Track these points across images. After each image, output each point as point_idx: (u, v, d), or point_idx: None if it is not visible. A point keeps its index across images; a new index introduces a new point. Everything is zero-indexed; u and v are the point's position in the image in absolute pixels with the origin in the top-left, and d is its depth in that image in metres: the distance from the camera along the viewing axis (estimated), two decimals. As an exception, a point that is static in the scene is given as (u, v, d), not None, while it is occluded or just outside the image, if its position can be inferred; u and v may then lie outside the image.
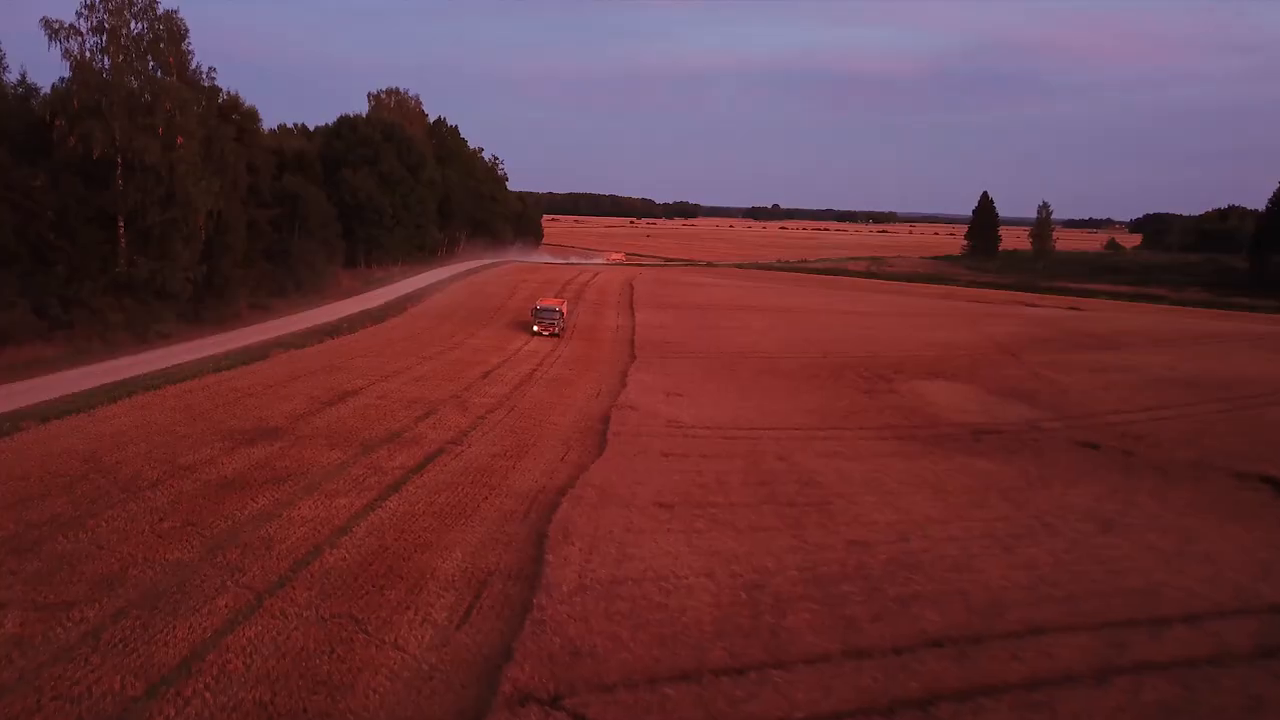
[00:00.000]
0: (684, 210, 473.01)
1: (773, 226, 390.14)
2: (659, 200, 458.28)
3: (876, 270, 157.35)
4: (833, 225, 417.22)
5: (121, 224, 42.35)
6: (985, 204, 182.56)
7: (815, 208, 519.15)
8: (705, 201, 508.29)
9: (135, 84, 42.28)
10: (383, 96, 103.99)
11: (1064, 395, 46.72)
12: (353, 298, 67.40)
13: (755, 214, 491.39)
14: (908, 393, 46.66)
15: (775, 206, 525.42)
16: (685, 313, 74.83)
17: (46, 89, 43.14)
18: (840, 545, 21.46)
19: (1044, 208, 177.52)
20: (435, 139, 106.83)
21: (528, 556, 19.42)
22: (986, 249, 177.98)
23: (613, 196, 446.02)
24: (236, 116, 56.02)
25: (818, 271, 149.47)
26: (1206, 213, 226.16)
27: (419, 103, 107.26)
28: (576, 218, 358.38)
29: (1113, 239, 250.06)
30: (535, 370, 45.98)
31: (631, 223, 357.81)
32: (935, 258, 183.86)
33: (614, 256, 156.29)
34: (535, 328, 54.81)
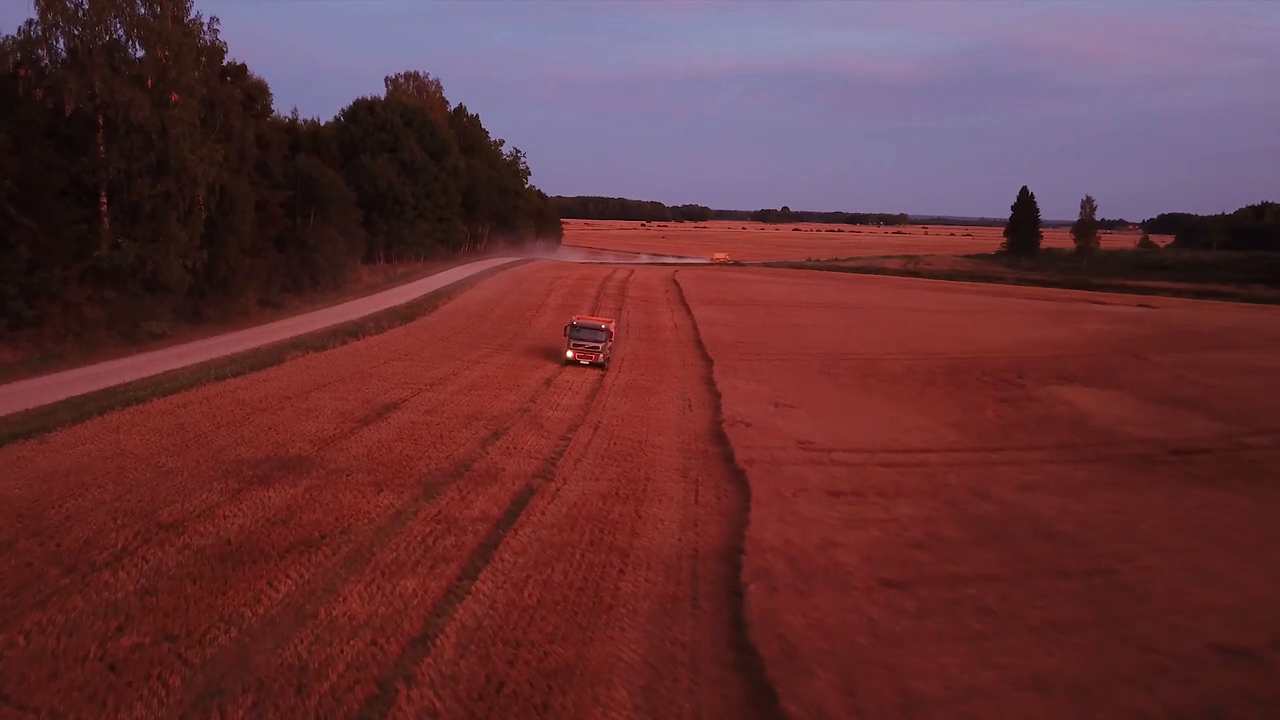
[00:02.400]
0: (693, 213, 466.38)
1: (785, 228, 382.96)
2: (668, 203, 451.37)
3: (915, 268, 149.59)
4: (845, 227, 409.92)
5: (104, 197, 34.41)
6: (1025, 200, 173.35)
7: (824, 210, 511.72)
8: (714, 205, 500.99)
9: (119, 28, 34.37)
10: (400, 81, 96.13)
11: (1238, 403, 38.78)
12: (375, 294, 59.43)
13: (764, 216, 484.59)
14: (1051, 400, 38.88)
15: (785, 209, 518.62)
16: (745, 309, 66.88)
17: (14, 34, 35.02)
18: (1209, 656, 13.39)
19: (1087, 203, 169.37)
20: (455, 128, 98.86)
21: (738, 696, 11.39)
22: (1026, 247, 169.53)
23: (622, 200, 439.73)
24: (241, 88, 48.09)
25: (854, 270, 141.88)
26: (1240, 210, 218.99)
27: (439, 88, 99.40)
28: (586, 221, 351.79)
29: (1146, 237, 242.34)
30: (603, 377, 38.03)
31: (643, 225, 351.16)
32: (972, 256, 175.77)
33: (718, 256, 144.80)
34: (570, 354, 38.56)
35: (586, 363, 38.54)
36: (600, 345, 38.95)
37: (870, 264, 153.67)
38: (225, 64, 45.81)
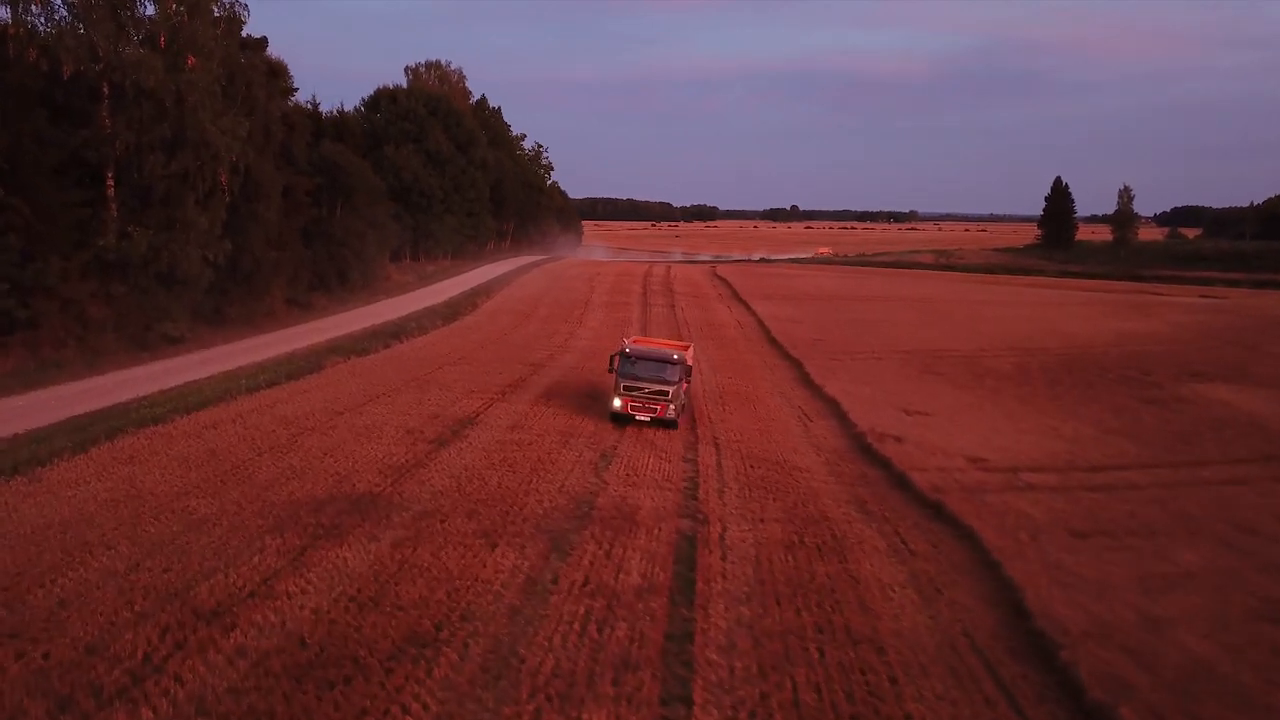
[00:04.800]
0: (702, 213, 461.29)
1: (797, 227, 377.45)
2: (676, 203, 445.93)
3: (948, 262, 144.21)
4: (857, 225, 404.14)
5: (110, 178, 29.27)
6: (1060, 193, 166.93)
7: (833, 208, 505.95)
8: (722, 204, 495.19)
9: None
10: (421, 70, 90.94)
11: None
12: (408, 293, 54.32)
13: (774, 215, 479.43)
14: (1202, 401, 33.79)
15: (794, 208, 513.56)
16: (805, 304, 61.55)
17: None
18: None
19: (1125, 193, 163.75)
20: (478, 119, 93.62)
21: None
22: (1060, 239, 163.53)
23: (631, 200, 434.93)
24: (263, 60, 42.93)
25: (886, 265, 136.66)
26: (1269, 200, 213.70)
27: (462, 78, 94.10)
28: (596, 221, 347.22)
29: (1175, 229, 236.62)
30: (688, 388, 32.97)
31: (654, 225, 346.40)
32: (1003, 249, 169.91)
33: (822, 251, 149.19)
34: (618, 403, 24.39)
35: (647, 419, 23.96)
36: (670, 390, 24.10)
37: (901, 259, 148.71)
38: (244, 36, 40.74)
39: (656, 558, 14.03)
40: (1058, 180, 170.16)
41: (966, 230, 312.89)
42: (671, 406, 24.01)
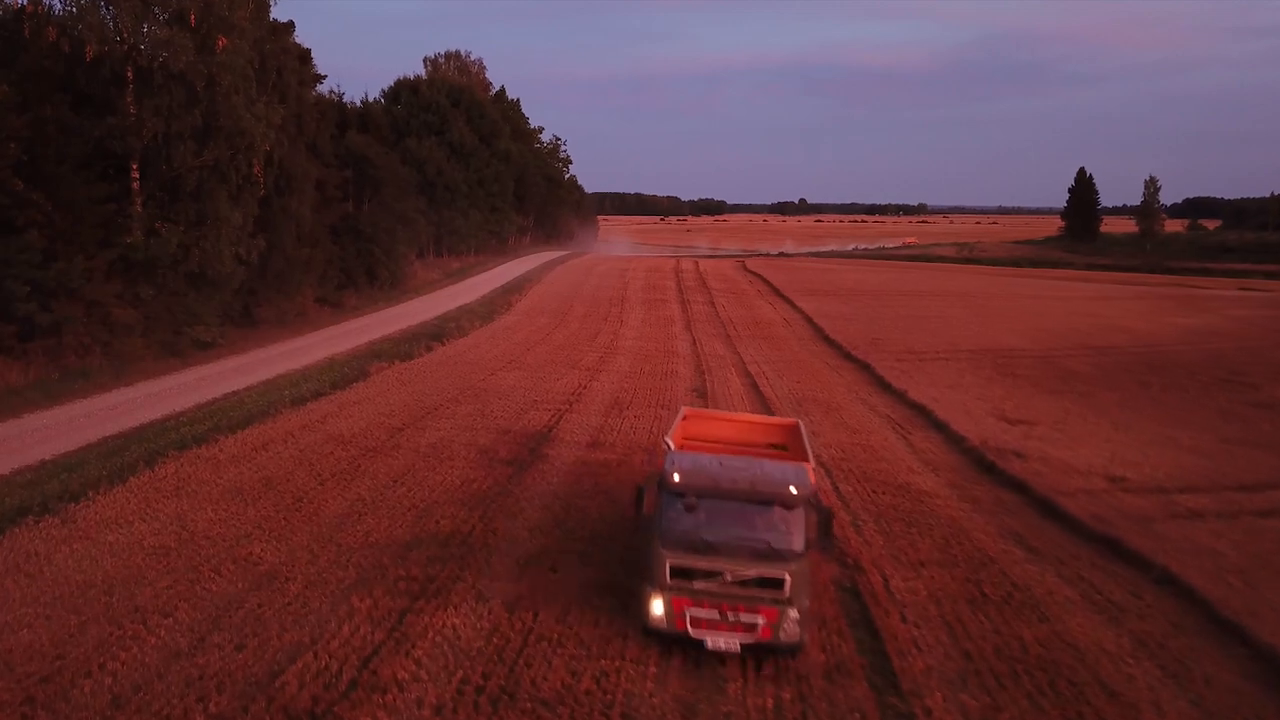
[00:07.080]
0: (710, 207, 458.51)
1: (807, 220, 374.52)
2: (684, 198, 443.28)
3: (971, 255, 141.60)
4: (868, 218, 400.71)
5: (135, 169, 26.88)
6: (1083, 183, 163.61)
7: (841, 201, 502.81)
8: (730, 198, 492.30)
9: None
10: (440, 61, 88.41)
11: None
12: (437, 291, 51.96)
13: (782, 209, 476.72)
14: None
15: (802, 201, 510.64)
16: (853, 300, 59.03)
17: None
18: None
19: (1151, 184, 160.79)
20: (499, 111, 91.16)
21: None
22: (1085, 231, 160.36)
23: (638, 195, 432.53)
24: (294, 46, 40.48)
25: (909, 259, 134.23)
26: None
27: (482, 69, 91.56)
28: (603, 216, 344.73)
29: (1195, 221, 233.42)
30: (741, 379, 30.89)
31: (663, 220, 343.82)
32: (1024, 242, 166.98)
33: (909, 240, 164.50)
34: (659, 607, 10.22)
35: (730, 647, 10.19)
36: (786, 572, 10.18)
37: (924, 251, 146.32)
38: (272, 20, 38.30)
39: (827, 621, 11.56)
40: (1081, 171, 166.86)
41: (979, 223, 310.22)
42: (792, 612, 10.21)
